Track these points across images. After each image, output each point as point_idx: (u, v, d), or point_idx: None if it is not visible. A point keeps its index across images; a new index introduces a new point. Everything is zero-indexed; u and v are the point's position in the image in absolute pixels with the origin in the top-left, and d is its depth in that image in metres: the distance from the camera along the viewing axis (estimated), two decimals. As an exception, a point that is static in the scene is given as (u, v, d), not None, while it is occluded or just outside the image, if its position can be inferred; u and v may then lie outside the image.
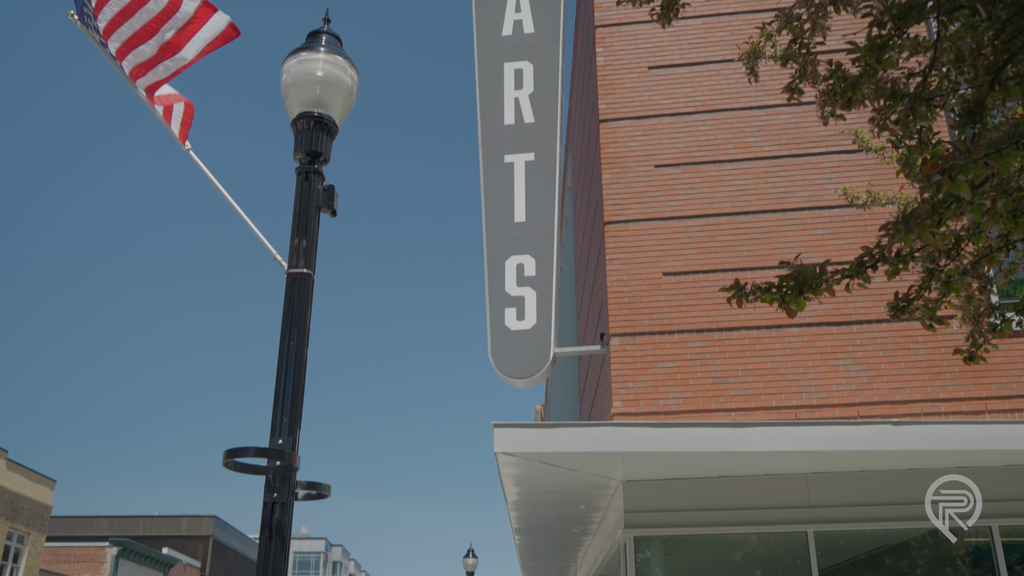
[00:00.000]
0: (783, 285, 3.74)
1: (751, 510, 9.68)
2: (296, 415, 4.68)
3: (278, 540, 4.44)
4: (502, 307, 10.40)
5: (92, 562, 47.76)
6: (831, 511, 9.59)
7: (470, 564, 23.92)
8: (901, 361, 9.92)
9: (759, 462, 9.18)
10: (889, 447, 8.52)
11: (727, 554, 10.77)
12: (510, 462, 8.91)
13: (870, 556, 10.71)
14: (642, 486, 9.74)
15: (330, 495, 4.91)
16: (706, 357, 10.16)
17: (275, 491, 4.51)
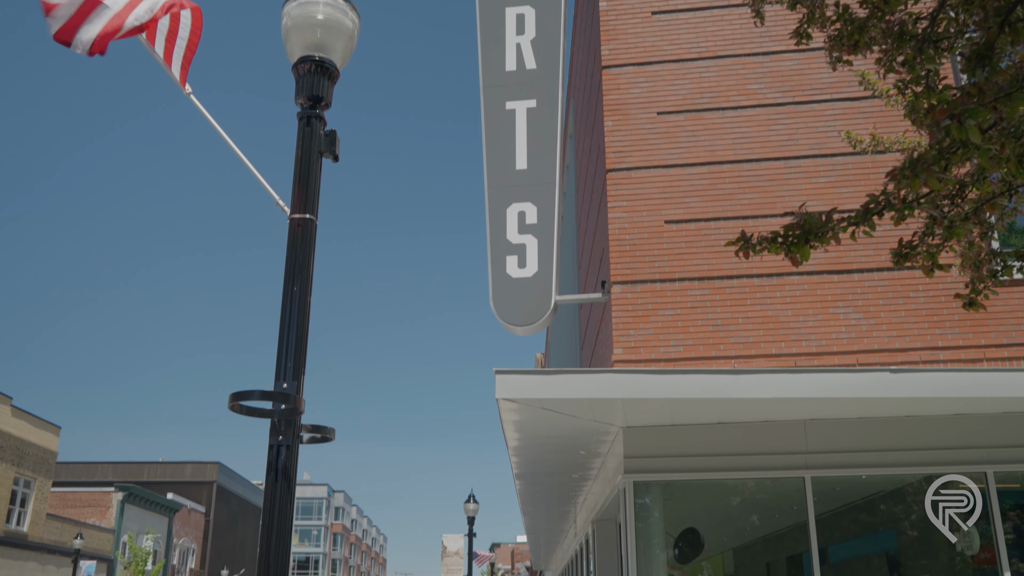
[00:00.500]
0: (789, 234, 3.75)
1: (749, 456, 9.80)
2: (300, 359, 4.71)
3: (284, 482, 4.50)
4: (503, 255, 10.40)
5: (98, 507, 48.45)
6: (829, 457, 9.70)
7: (471, 509, 24.24)
8: (901, 310, 9.96)
9: (758, 409, 9.26)
10: (887, 394, 8.59)
11: (725, 499, 10.93)
12: (511, 408, 8.98)
13: (866, 502, 10.86)
14: (642, 432, 9.85)
15: (334, 438, 4.97)
16: (707, 305, 10.19)
17: (280, 434, 4.56)
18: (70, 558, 39.72)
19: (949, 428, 9.57)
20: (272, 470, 4.53)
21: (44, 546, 39.54)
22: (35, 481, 39.07)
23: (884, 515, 10.73)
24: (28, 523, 38.48)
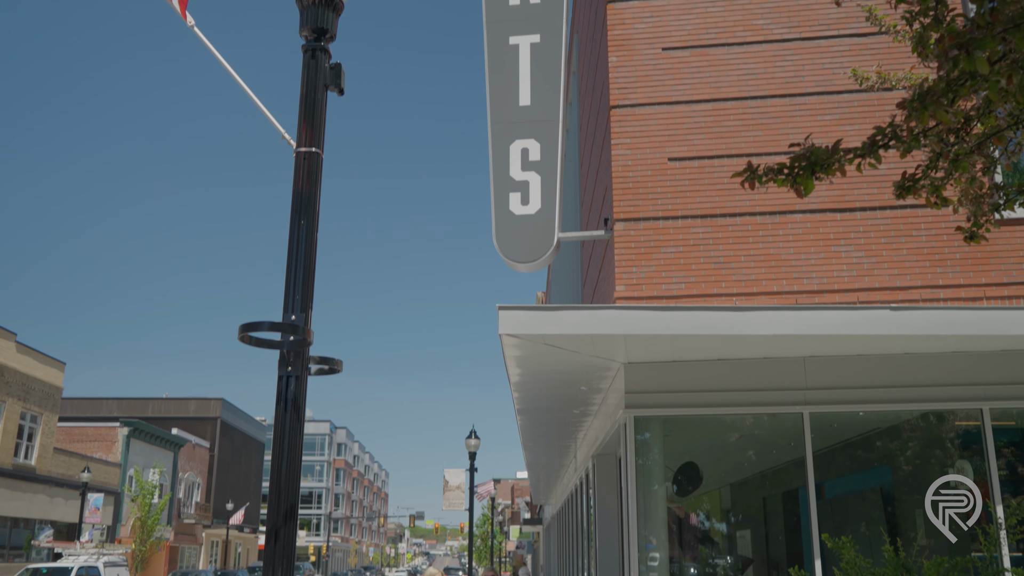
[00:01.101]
0: (795, 166, 3.76)
1: (749, 392, 9.92)
2: (308, 292, 4.76)
3: (293, 412, 4.59)
4: (506, 192, 10.40)
5: (104, 442, 49.11)
6: (827, 393, 9.82)
7: (472, 445, 24.57)
8: (903, 248, 9.99)
9: (758, 345, 9.35)
10: (887, 331, 8.67)
11: (723, 435, 11.10)
12: (514, 344, 9.07)
13: (862, 438, 11.03)
14: (643, 368, 9.96)
15: (342, 370, 5.05)
16: (709, 242, 10.22)
17: (289, 365, 4.64)
18: (78, 491, 40.37)
19: (947, 365, 9.68)
20: (281, 400, 4.62)
21: (52, 479, 40.19)
22: (41, 416, 39.54)
23: (880, 451, 10.90)
24: (36, 457, 39.05)
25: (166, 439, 54.61)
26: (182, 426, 61.91)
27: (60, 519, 41.00)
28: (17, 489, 37.50)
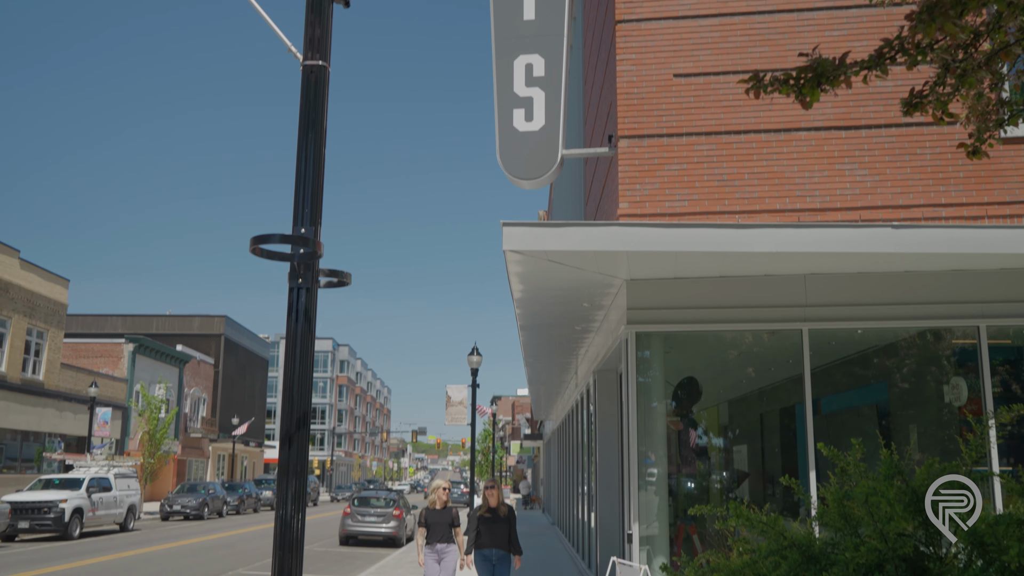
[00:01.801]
0: (800, 77, 3.76)
1: (750, 308, 10.03)
2: (316, 205, 4.82)
3: (305, 322, 4.69)
4: (510, 108, 10.34)
5: (110, 357, 49.65)
6: (827, 310, 9.93)
7: (474, 362, 24.85)
8: (907, 166, 9.98)
9: (760, 263, 9.43)
10: (888, 250, 8.73)
11: (723, 352, 11.26)
12: (517, 260, 9.14)
13: (860, 356, 11.19)
14: (645, 285, 10.05)
15: (351, 283, 5.13)
16: (713, 160, 10.21)
17: (300, 277, 4.72)
18: (86, 405, 41.02)
19: (946, 283, 9.77)
20: (293, 311, 4.72)
21: (60, 394, 40.80)
22: (47, 332, 39.93)
23: (877, 368, 11.07)
24: (44, 372, 39.57)
25: (171, 355, 55.21)
26: (186, 343, 62.50)
27: (70, 432, 41.76)
28: (27, 403, 38.11)
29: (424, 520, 11.28)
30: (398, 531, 26.05)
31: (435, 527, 11.19)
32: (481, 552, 10.81)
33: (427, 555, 11.18)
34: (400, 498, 27.80)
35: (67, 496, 26.86)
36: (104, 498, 29.10)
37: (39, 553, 22.38)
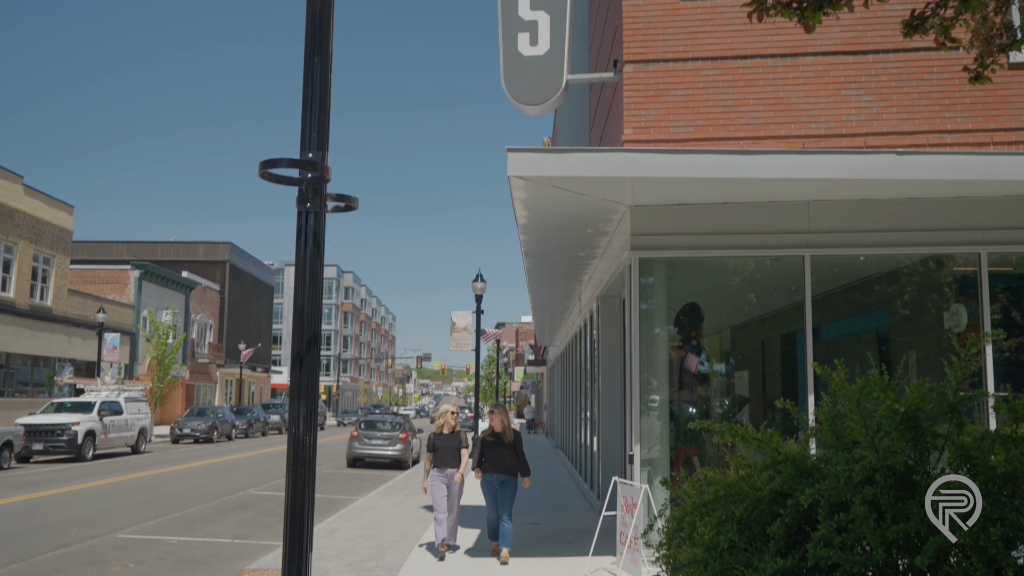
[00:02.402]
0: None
1: (752, 235, 10.09)
2: (323, 130, 4.85)
3: (314, 246, 4.78)
4: (515, 32, 10.25)
5: (116, 284, 49.94)
6: (829, 236, 9.99)
7: (479, 288, 24.97)
8: (913, 92, 9.93)
9: (764, 189, 9.46)
10: (892, 176, 8.74)
11: (725, 278, 11.35)
12: (522, 186, 9.18)
13: (862, 283, 11.28)
14: (649, 211, 10.10)
15: (358, 207, 5.20)
16: (719, 85, 10.16)
17: (308, 201, 4.78)
18: (94, 331, 41.42)
19: (949, 210, 9.80)
20: (302, 235, 4.79)
21: (69, 319, 41.19)
22: (53, 258, 40.11)
23: (878, 295, 11.17)
24: (51, 298, 39.88)
25: (177, 281, 55.50)
26: (192, 269, 62.75)
27: (79, 358, 42.27)
28: (36, 329, 38.51)
29: (432, 444, 11.02)
30: (404, 454, 26.57)
31: (443, 451, 10.94)
32: (484, 476, 10.70)
33: (435, 479, 10.90)
34: (406, 422, 28.27)
35: (79, 419, 27.35)
36: (115, 421, 29.62)
37: (55, 473, 22.91)
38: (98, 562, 10.86)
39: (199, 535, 13.13)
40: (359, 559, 10.53)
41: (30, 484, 20.01)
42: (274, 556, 10.82)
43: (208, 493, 18.70)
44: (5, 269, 36.65)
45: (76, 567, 10.53)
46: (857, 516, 3.20)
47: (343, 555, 10.74)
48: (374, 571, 9.85)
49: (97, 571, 10.33)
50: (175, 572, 10.37)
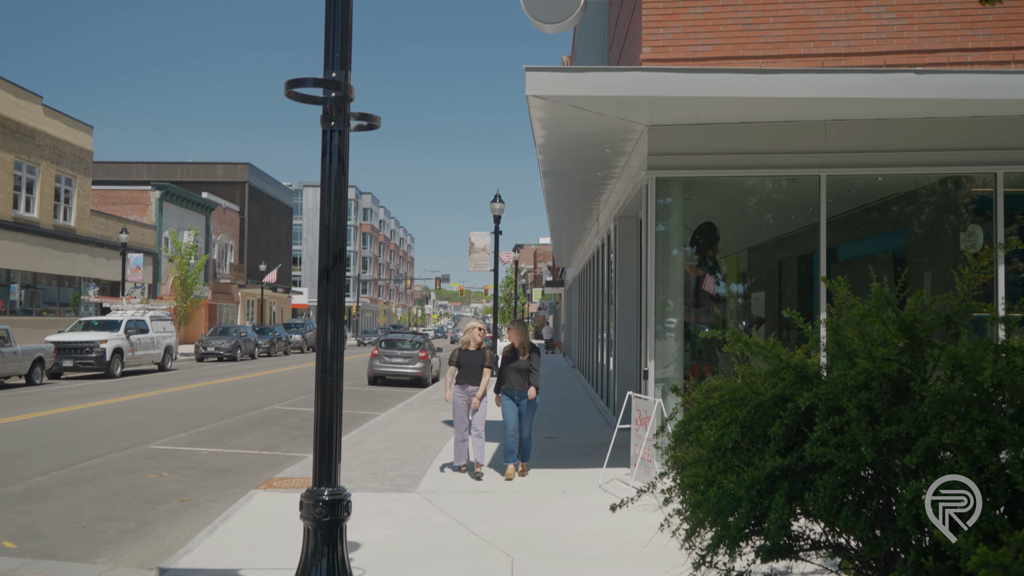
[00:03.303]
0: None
1: (769, 154, 10.14)
2: (346, 50, 4.97)
3: (339, 163, 4.95)
4: (534, -52, 10.16)
5: (137, 204, 50.33)
6: (846, 156, 10.02)
7: (497, 208, 25.06)
8: (934, 9, 9.83)
9: (781, 108, 9.47)
10: (910, 95, 8.74)
11: (743, 199, 11.44)
12: (540, 105, 9.24)
13: (880, 203, 11.34)
14: (666, 130, 10.15)
15: (380, 126, 5.35)
16: (738, 3, 10.08)
17: (332, 120, 4.94)
18: (117, 251, 41.93)
19: (966, 130, 9.79)
20: (327, 153, 4.96)
21: (92, 240, 41.69)
22: (75, 179, 40.40)
23: (895, 215, 11.25)
24: (75, 218, 40.31)
25: (197, 202, 55.81)
26: (211, 190, 62.99)
27: (103, 277, 42.91)
28: (60, 249, 39.05)
29: (456, 360, 10.77)
30: (424, 372, 27.09)
31: (467, 368, 10.69)
32: (506, 392, 10.53)
33: (457, 395, 10.68)
34: (426, 340, 28.72)
35: (107, 337, 27.98)
36: (142, 339, 30.26)
37: (86, 389, 23.59)
38: (133, 470, 11.35)
39: (228, 447, 13.63)
40: (382, 469, 10.95)
41: (63, 399, 20.65)
42: (300, 466, 11.26)
43: (234, 408, 19.26)
44: (29, 190, 37.01)
45: (113, 474, 11.02)
46: (852, 419, 3.41)
47: (367, 465, 11.16)
48: (397, 480, 10.26)
49: (133, 478, 10.81)
50: (207, 480, 10.84)
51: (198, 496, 9.92)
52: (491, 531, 7.83)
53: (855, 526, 3.40)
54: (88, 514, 8.92)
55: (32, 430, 14.90)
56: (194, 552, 7.25)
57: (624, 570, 6.54)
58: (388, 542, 7.45)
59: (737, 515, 3.57)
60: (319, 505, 4.88)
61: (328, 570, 4.83)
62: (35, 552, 7.49)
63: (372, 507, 8.68)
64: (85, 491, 10.02)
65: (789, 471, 3.54)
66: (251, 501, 9.13)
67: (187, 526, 8.53)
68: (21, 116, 36.26)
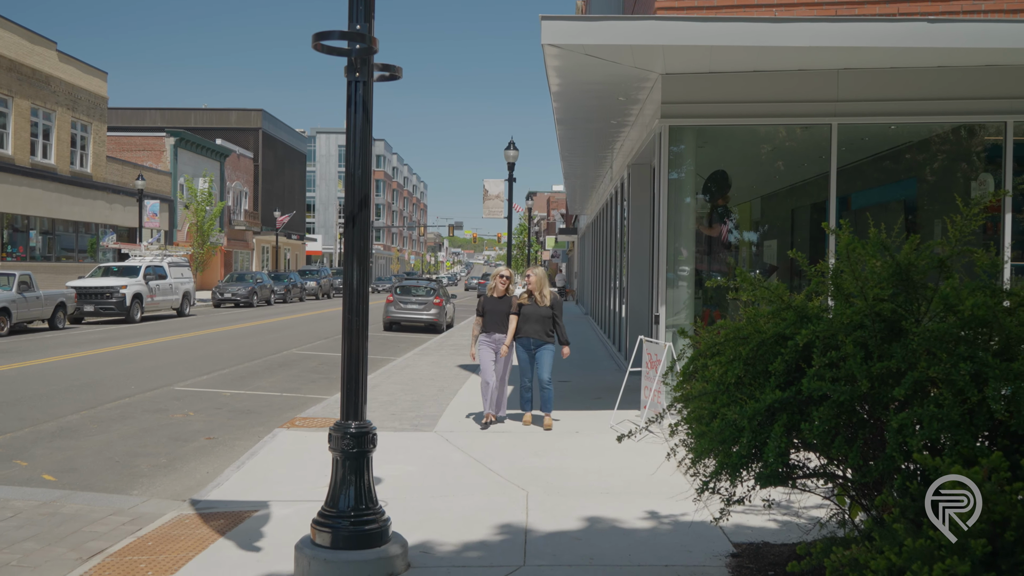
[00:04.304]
0: None
1: (781, 103, 10.25)
2: (370, 2, 5.15)
3: (363, 113, 5.16)
4: None
5: (152, 151, 50.51)
6: (857, 105, 10.12)
7: (511, 156, 25.12)
8: (951, -43, 9.84)
9: (794, 57, 9.56)
10: (922, 44, 8.82)
11: (756, 147, 11.56)
12: (555, 54, 9.37)
13: (893, 152, 11.46)
14: (680, 79, 10.26)
15: (401, 76, 5.54)
16: (754, -49, 10.12)
17: (357, 71, 5.14)
18: (134, 198, 42.26)
19: (978, 79, 9.87)
20: (351, 103, 5.17)
21: (109, 186, 41.98)
22: (91, 125, 40.57)
23: (908, 164, 11.37)
24: (91, 165, 40.57)
25: (212, 149, 55.93)
26: (225, 137, 63.02)
27: (120, 224, 43.30)
28: (78, 195, 39.38)
29: (481, 308, 10.47)
30: (438, 318, 27.45)
31: (492, 316, 10.36)
32: (519, 340, 10.29)
33: (483, 344, 10.38)
34: (440, 287, 29.02)
35: (127, 282, 28.42)
36: (160, 285, 30.70)
37: (107, 333, 24.08)
38: (160, 410, 11.75)
39: (249, 389, 14.03)
40: (400, 410, 11.31)
41: (86, 343, 21.12)
42: (321, 407, 11.63)
43: (254, 352, 19.68)
44: (45, 136, 37.24)
45: (140, 414, 11.42)
46: (847, 354, 3.66)
47: (385, 406, 11.52)
48: (415, 420, 10.61)
49: (160, 418, 11.21)
50: (231, 420, 11.23)
51: (224, 435, 10.30)
52: (506, 467, 8.18)
53: (847, 454, 3.68)
54: (120, 450, 9.32)
55: (59, 372, 15.34)
56: (224, 485, 7.63)
57: (633, 502, 6.87)
58: (408, 477, 7.81)
59: (739, 444, 3.84)
60: (347, 437, 5.19)
61: (356, 496, 5.16)
62: (73, 484, 7.88)
63: (392, 445, 9.04)
64: (115, 429, 10.43)
65: (788, 404, 3.81)
66: (275, 439, 9.50)
67: (215, 462, 8.91)
68: (36, 62, 36.34)
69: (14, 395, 12.64)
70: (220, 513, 6.76)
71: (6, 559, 5.86)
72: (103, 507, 7.16)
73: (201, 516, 6.72)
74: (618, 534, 6.09)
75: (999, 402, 3.28)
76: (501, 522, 6.37)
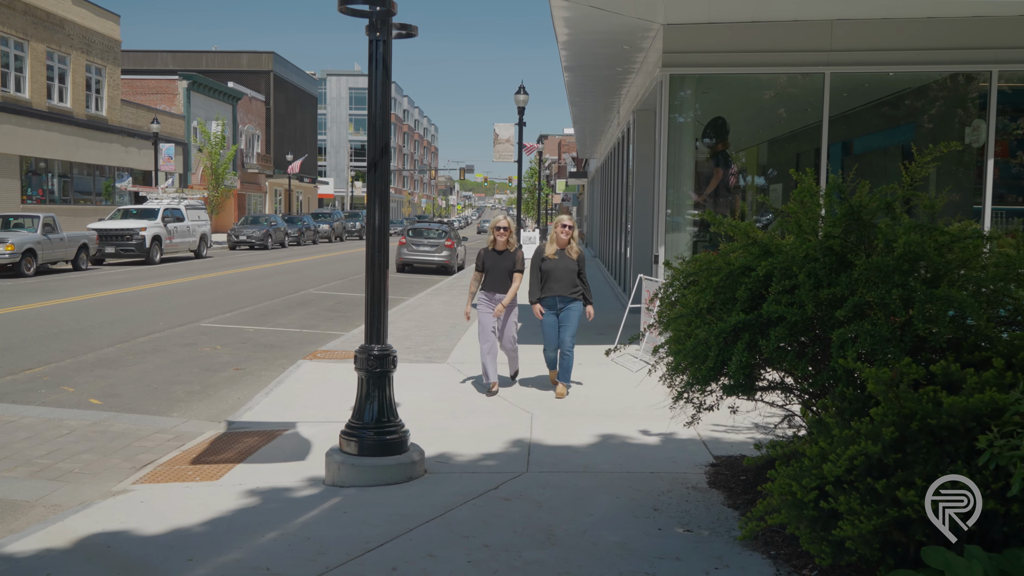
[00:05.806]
0: None
1: (777, 52, 10.72)
2: (388, -31, 5.70)
3: (384, 71, 5.75)
4: None
5: (165, 94, 50.85)
6: (850, 55, 10.59)
7: (521, 100, 25.48)
8: (942, -89, 10.19)
9: (789, 7, 10.02)
10: (910, -4, 9.26)
11: (756, 94, 12.04)
12: (562, 6, 9.86)
13: (893, 97, 11.92)
14: (680, 29, 10.73)
15: (417, 34, 6.11)
16: (753, -95, 10.48)
17: (378, 31, 5.72)
18: (149, 141, 42.75)
19: (965, 30, 10.31)
20: (373, 61, 5.76)
21: (124, 129, 42.48)
22: (105, 69, 40.95)
23: (907, 110, 11.85)
24: (106, 108, 41.04)
25: (224, 92, 56.21)
26: (236, 79, 63.15)
27: (135, 167, 43.87)
28: (94, 139, 39.93)
29: (481, 263, 9.13)
30: (450, 260, 28.13)
31: (493, 272, 9.01)
32: (544, 301, 9.01)
33: (483, 303, 9.09)
34: (451, 229, 29.64)
35: (146, 224, 29.13)
36: (178, 227, 31.41)
37: (129, 274, 24.86)
38: (189, 344, 12.52)
39: (271, 325, 14.78)
40: (415, 344, 12.04)
41: (110, 283, 21.91)
42: (341, 340, 12.36)
43: (273, 292, 20.43)
44: (61, 80, 37.68)
45: (172, 347, 12.19)
46: (800, 283, 4.30)
47: (401, 341, 12.24)
48: (429, 353, 11.34)
49: (191, 351, 11.97)
50: (256, 353, 11.98)
51: (250, 366, 11.06)
52: (514, 394, 8.89)
53: (798, 366, 4.34)
54: (157, 379, 10.09)
55: (91, 309, 16.12)
56: (255, 409, 8.39)
57: (627, 423, 7.58)
58: (423, 402, 8.54)
59: (708, 359, 4.51)
60: (371, 358, 5.89)
61: (379, 410, 5.88)
62: (118, 407, 8.65)
63: (408, 375, 9.76)
64: (150, 360, 11.19)
65: (750, 325, 4.46)
66: (299, 369, 10.24)
67: (244, 389, 9.66)
68: (50, 5, 36.64)
69: (53, 328, 13.42)
70: (254, 432, 7.51)
71: (69, 467, 6.63)
72: (148, 426, 7.93)
73: (237, 434, 7.47)
74: (612, 448, 6.82)
75: (921, 320, 3.93)
76: (508, 438, 7.10)
